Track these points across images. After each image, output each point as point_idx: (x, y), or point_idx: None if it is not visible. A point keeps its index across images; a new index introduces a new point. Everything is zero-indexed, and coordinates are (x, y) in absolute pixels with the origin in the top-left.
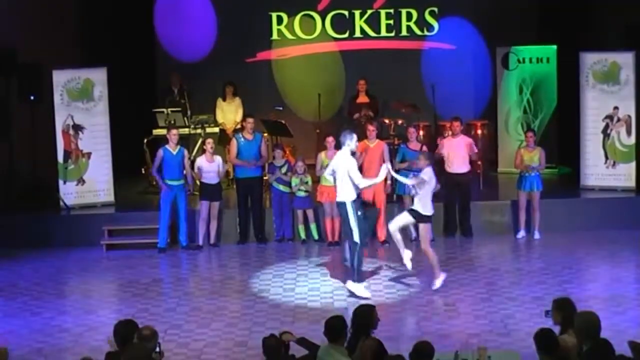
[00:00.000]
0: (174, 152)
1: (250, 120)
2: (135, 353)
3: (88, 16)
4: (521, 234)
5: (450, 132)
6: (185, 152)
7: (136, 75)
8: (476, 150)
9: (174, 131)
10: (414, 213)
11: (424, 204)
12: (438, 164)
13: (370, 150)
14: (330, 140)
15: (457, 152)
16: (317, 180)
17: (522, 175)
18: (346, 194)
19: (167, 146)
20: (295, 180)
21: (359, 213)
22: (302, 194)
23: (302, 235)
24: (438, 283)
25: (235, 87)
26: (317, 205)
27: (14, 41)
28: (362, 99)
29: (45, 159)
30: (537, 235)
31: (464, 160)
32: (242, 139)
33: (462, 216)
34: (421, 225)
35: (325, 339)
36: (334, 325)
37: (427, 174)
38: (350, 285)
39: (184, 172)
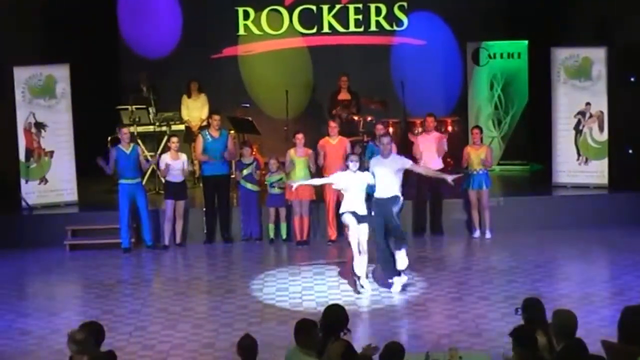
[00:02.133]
0: (128, 151)
1: (216, 117)
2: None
3: (50, 12)
4: (477, 233)
5: (420, 129)
6: (139, 149)
7: (99, 71)
8: (445, 149)
9: (125, 130)
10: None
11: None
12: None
13: (332, 147)
14: (299, 137)
15: (430, 149)
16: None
17: (470, 173)
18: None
19: (119, 145)
20: (269, 179)
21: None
22: (276, 191)
23: (271, 234)
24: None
25: (200, 83)
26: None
27: None
28: (343, 95)
29: (7, 157)
30: (488, 235)
31: (436, 157)
32: (209, 137)
33: (434, 214)
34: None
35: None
36: (303, 327)
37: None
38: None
39: (144, 168)
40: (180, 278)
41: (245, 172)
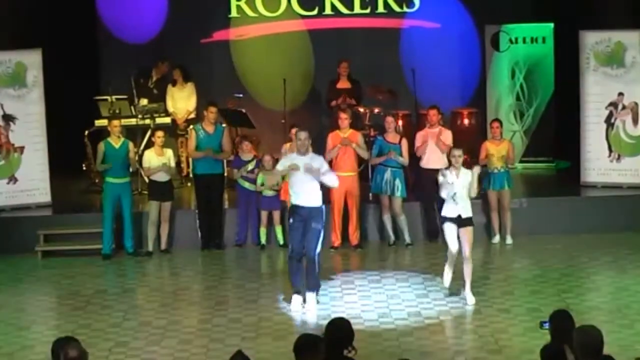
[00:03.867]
0: (117, 146)
1: (212, 109)
2: None
3: None
4: (496, 238)
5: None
6: (131, 145)
7: (75, 58)
8: (448, 143)
9: (115, 122)
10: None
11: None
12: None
13: (343, 140)
14: (295, 131)
15: (433, 146)
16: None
17: (489, 172)
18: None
19: (108, 139)
20: (262, 178)
21: (290, 220)
22: (269, 193)
23: (263, 239)
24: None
25: (184, 71)
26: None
27: None
28: (343, 83)
29: None
30: (509, 240)
31: (440, 154)
32: (202, 132)
33: None
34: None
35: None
36: (305, 343)
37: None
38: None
39: (130, 168)
40: (166, 288)
41: (243, 170)
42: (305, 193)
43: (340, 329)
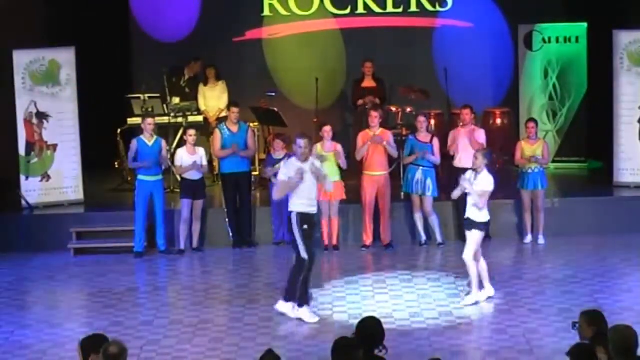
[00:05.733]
0: (150, 144)
1: (234, 109)
2: None
3: None
4: (529, 238)
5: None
6: (163, 142)
7: (108, 56)
8: (481, 142)
9: (150, 120)
10: (467, 221)
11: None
12: (448, 159)
13: (374, 138)
14: (327, 129)
15: (466, 145)
16: None
17: (523, 172)
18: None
19: (141, 136)
20: None
21: (304, 227)
22: None
23: None
24: (469, 300)
25: (217, 69)
26: None
27: None
28: (368, 83)
29: (5, 151)
30: (541, 240)
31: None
32: (227, 131)
33: None
34: (473, 232)
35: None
36: (343, 346)
37: (486, 180)
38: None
39: (162, 166)
40: (197, 286)
41: (274, 168)
42: (314, 200)
43: (371, 328)
